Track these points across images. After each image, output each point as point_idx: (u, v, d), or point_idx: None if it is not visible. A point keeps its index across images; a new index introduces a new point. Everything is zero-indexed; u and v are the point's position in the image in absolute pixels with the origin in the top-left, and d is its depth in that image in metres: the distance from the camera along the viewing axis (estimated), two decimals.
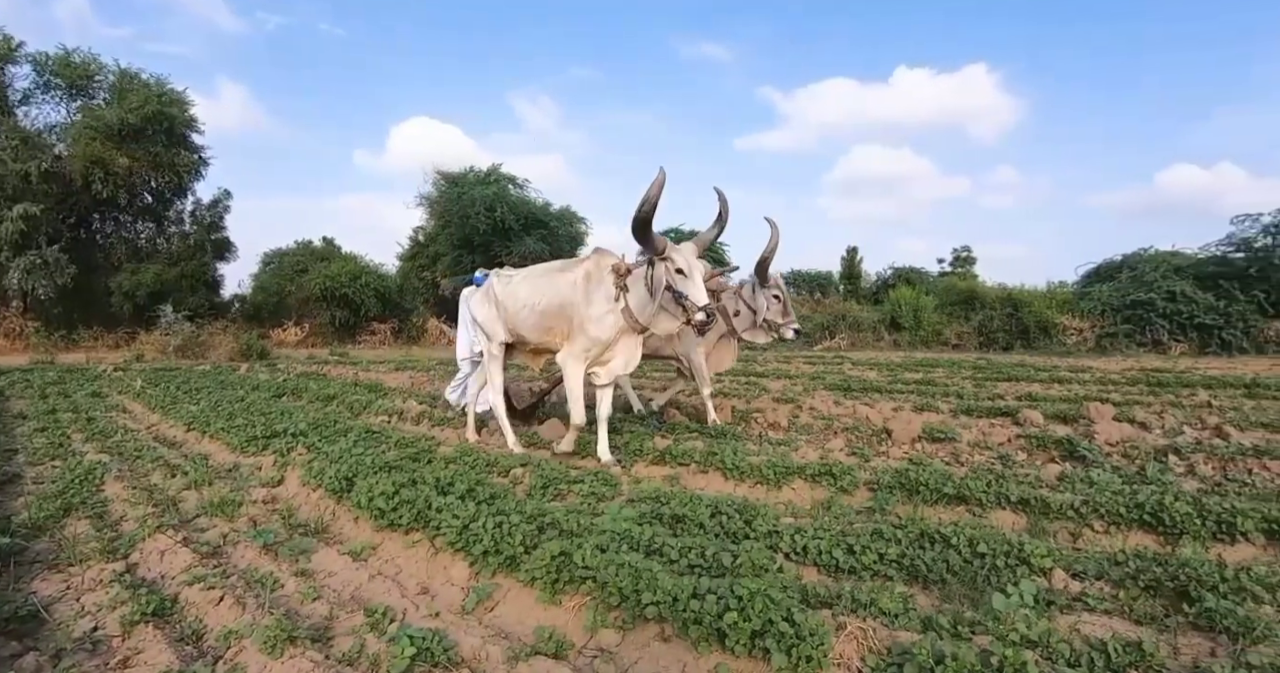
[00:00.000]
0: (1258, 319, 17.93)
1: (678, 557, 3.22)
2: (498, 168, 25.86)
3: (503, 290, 6.05)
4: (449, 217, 24.30)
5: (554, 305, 5.59)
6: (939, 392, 8.90)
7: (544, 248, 23.53)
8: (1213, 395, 8.51)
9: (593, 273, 5.40)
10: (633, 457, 5.65)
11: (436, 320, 24.48)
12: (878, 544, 3.39)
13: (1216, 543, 3.70)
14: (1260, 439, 5.89)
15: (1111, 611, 2.93)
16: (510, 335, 6.10)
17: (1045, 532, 3.91)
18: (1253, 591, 3.00)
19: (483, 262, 23.65)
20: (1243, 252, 19.64)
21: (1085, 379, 10.59)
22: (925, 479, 4.39)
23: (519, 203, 24.22)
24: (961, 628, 2.60)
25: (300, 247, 27.76)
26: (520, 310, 5.83)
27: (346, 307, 23.61)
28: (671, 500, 4.11)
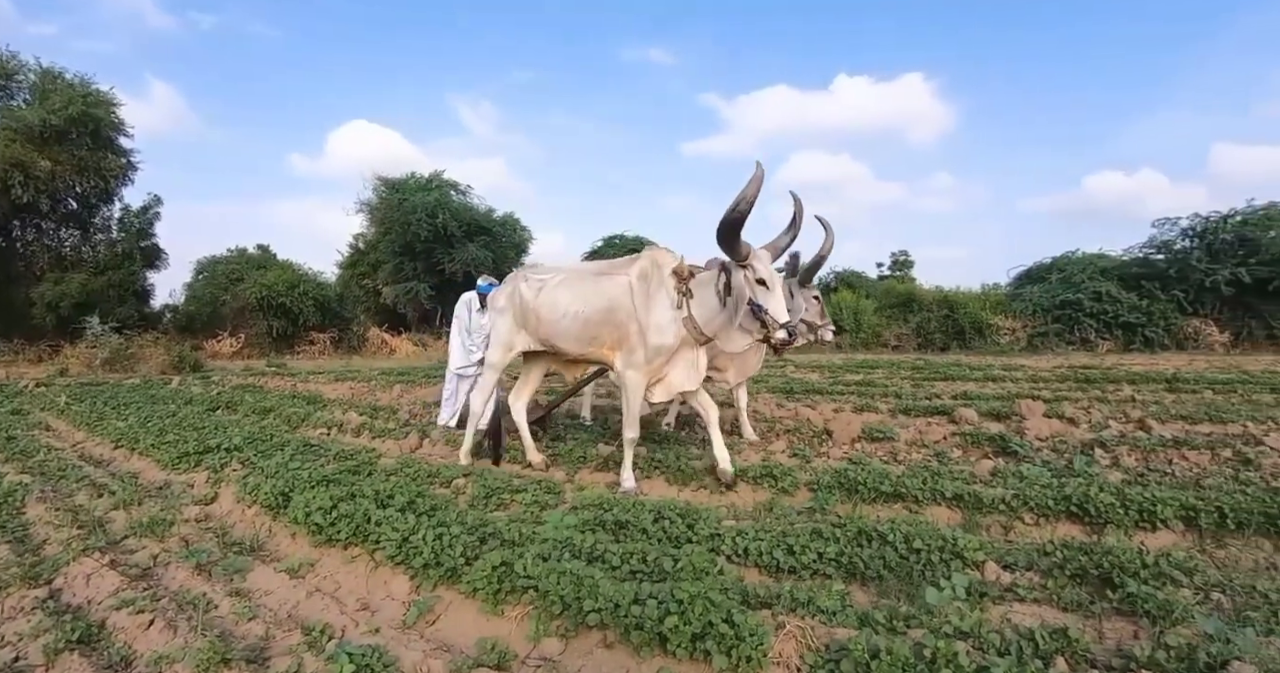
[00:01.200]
0: (1177, 317, 18.79)
1: (619, 563, 3.22)
2: (440, 174, 25.56)
3: (535, 297, 5.35)
4: (390, 223, 23.91)
5: (601, 312, 4.97)
6: (878, 392, 9.08)
7: (487, 255, 23.35)
8: (1136, 390, 8.87)
9: (649, 274, 4.83)
10: (576, 464, 5.63)
11: (378, 329, 24.02)
12: (817, 544, 3.45)
13: (1139, 531, 3.86)
14: (1180, 431, 6.17)
15: (1041, 599, 3.04)
16: (540, 344, 5.49)
17: (979, 526, 4.03)
18: (1172, 575, 3.14)
19: (423, 269, 23.37)
20: (1163, 254, 20.61)
21: (1018, 377, 10.93)
22: (864, 479, 4.48)
23: (461, 209, 23.96)
24: (897, 623, 2.66)
25: (235, 254, 26.93)
26: (560, 319, 5.17)
27: (284, 316, 22.98)
28: (614, 507, 4.12)
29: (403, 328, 24.41)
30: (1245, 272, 17.90)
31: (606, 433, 6.97)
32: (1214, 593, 3.06)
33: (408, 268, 23.58)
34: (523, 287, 5.47)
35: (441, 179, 25.39)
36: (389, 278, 23.99)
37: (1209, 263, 18.79)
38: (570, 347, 5.24)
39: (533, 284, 5.44)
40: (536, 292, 5.37)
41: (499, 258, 24.04)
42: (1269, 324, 18.22)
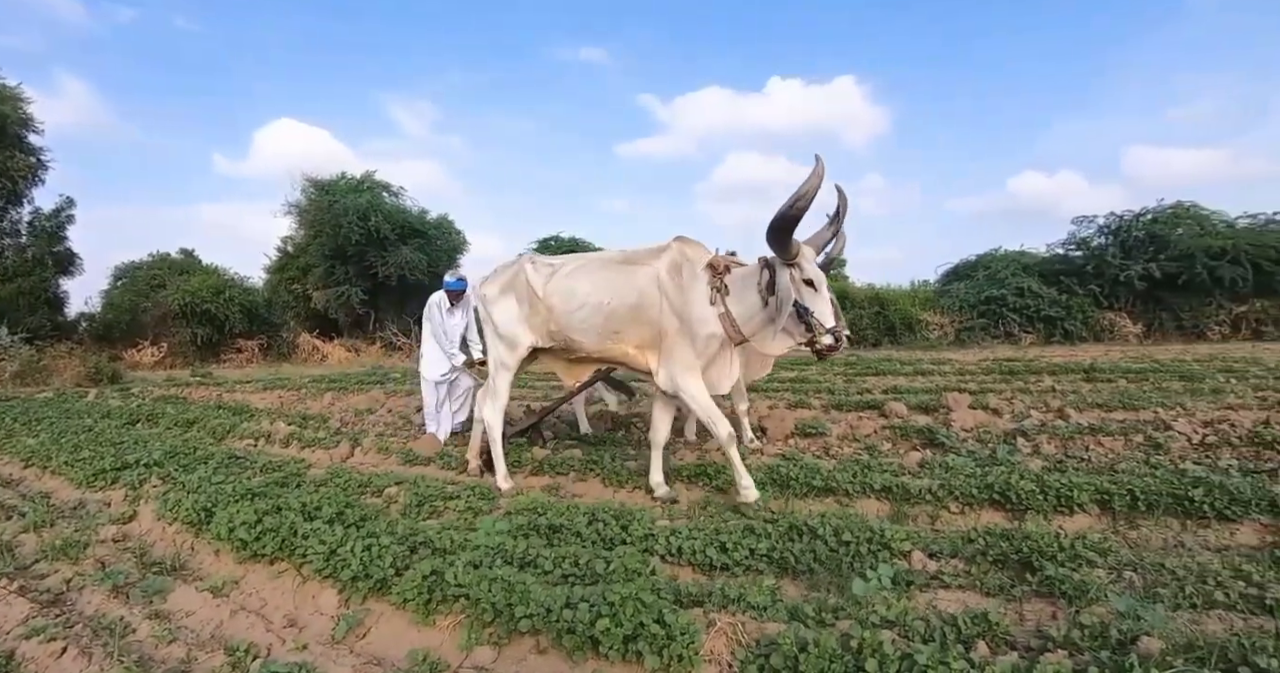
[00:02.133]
0: (1094, 311, 19.62)
1: (552, 567, 3.21)
2: (372, 175, 24.95)
3: (546, 285, 4.85)
4: (320, 226, 23.21)
5: (627, 305, 4.55)
6: (811, 388, 9.24)
7: (421, 258, 22.89)
8: (1056, 381, 9.22)
9: (680, 266, 4.48)
10: (511, 468, 5.57)
11: (309, 336, 23.35)
12: (749, 540, 3.49)
13: (1057, 515, 4.01)
14: (1096, 419, 6.42)
15: (965, 585, 3.13)
16: (549, 340, 4.94)
17: (907, 516, 4.13)
18: (1087, 557, 3.28)
19: (355, 273, 22.80)
20: (1081, 251, 21.52)
21: (945, 371, 11.24)
22: (796, 474, 4.55)
23: (394, 212, 23.42)
24: (825, 615, 2.71)
25: (156, 259, 25.95)
26: (577, 310, 4.69)
27: (209, 323, 22.20)
28: (549, 511, 4.10)
29: (334, 334, 23.77)
30: (1156, 267, 18.77)
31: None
32: (1126, 572, 3.19)
33: (339, 272, 22.95)
34: (529, 271, 4.95)
35: (374, 180, 24.78)
36: (319, 282, 23.32)
37: (1123, 259, 19.65)
38: (586, 341, 4.74)
39: (541, 270, 4.95)
40: (546, 278, 4.87)
41: (433, 261, 23.59)
42: (1178, 316, 19.15)
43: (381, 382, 12.59)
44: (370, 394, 10.65)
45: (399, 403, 9.71)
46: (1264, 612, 2.77)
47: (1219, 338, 18.14)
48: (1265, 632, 2.49)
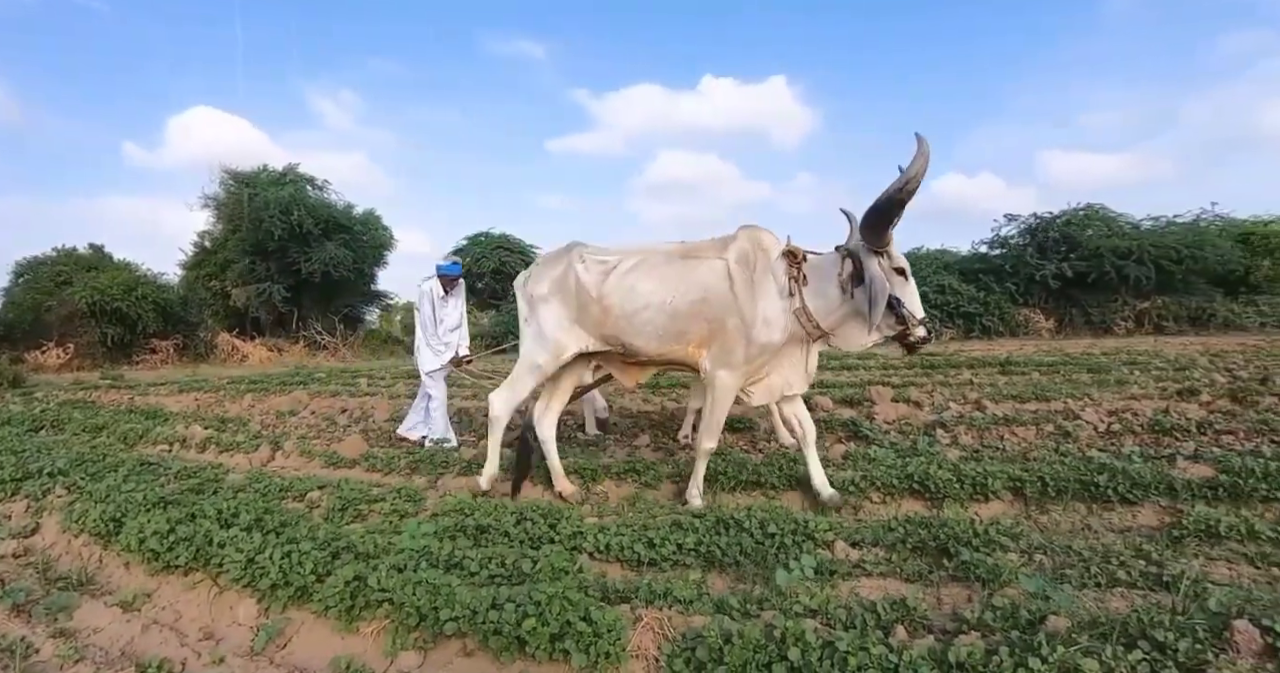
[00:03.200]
0: (1010, 307, 20.44)
1: (478, 569, 3.18)
2: (295, 167, 24.12)
3: (601, 282, 4.35)
4: (239, 220, 22.32)
5: (694, 303, 4.15)
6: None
7: (347, 255, 22.32)
8: (974, 374, 9.56)
9: (751, 258, 4.12)
10: (439, 469, 5.49)
11: (228, 335, 22.48)
12: (676, 535, 3.51)
13: (973, 503, 4.16)
14: (1010, 410, 6.67)
15: (886, 573, 3.22)
16: (602, 343, 4.45)
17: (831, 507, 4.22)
18: (1001, 541, 3.41)
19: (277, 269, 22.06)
20: (998, 250, 22.39)
21: (870, 365, 11.54)
22: (724, 468, 4.61)
23: (318, 206, 22.71)
24: (750, 606, 2.75)
25: (61, 255, 24.53)
26: (640, 311, 4.23)
27: (120, 323, 21.10)
28: (476, 511, 4.04)
29: (255, 333, 22.99)
30: (1068, 266, 19.69)
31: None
32: (1037, 555, 3.33)
33: (260, 268, 22.17)
34: (579, 270, 4.43)
35: (296, 173, 23.96)
36: (239, 279, 22.46)
37: (1039, 259, 20.54)
38: (647, 345, 4.29)
39: (593, 267, 4.43)
40: (602, 277, 4.37)
41: (359, 258, 23.06)
42: (1087, 312, 20.13)
43: (305, 382, 12.22)
44: (293, 395, 10.33)
45: (323, 404, 9.46)
46: (1162, 588, 2.92)
47: (1124, 332, 19.11)
48: (1163, 607, 2.62)
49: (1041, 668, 2.09)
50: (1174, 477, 4.16)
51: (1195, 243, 19.01)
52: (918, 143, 3.58)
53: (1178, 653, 2.18)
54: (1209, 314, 18.90)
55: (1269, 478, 4.01)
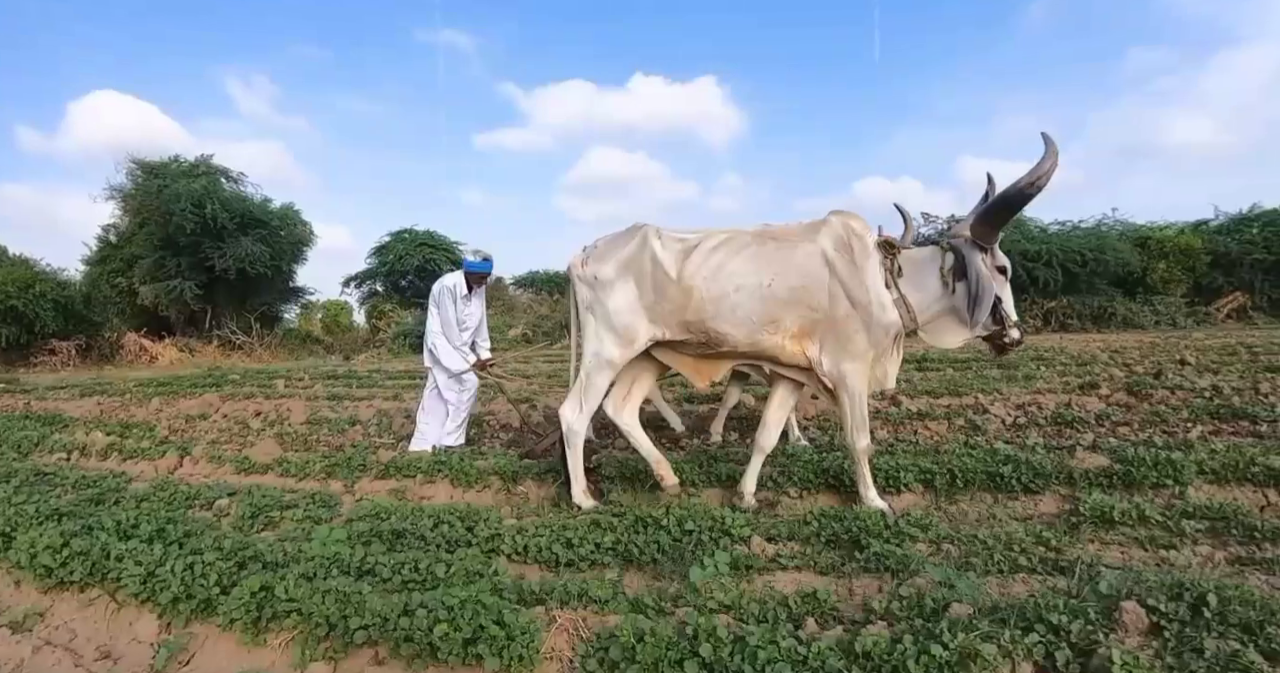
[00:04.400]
0: None
1: (391, 574, 3.12)
2: (208, 158, 23.08)
3: (682, 262, 3.97)
4: (148, 213, 21.22)
5: (791, 288, 3.84)
6: (667, 382, 9.41)
7: (263, 251, 21.46)
8: None
9: (848, 243, 3.87)
10: (356, 473, 5.34)
11: (135, 335, 21.41)
12: (594, 534, 3.52)
13: (886, 495, 4.26)
14: (925, 405, 6.90)
15: (801, 566, 3.28)
16: (681, 332, 4.05)
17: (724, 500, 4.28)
18: (910, 533, 3.52)
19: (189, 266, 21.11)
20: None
21: None
22: (645, 467, 4.61)
23: (233, 199, 21.76)
24: (665, 604, 2.77)
25: None
26: (730, 294, 3.87)
27: (16, 322, 19.83)
28: (392, 515, 3.97)
29: (165, 332, 21.99)
30: None
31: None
32: (945, 544, 3.45)
33: (170, 264, 21.14)
34: (657, 248, 4.03)
35: (210, 164, 22.93)
36: (148, 276, 21.37)
37: None
38: (735, 332, 3.92)
39: (671, 246, 4.04)
40: (682, 256, 3.99)
41: (277, 254, 22.21)
42: None
43: (218, 384, 11.76)
44: (204, 398, 9.94)
45: (236, 407, 9.13)
46: (1060, 573, 3.06)
47: (1032, 331, 19.95)
48: (1059, 591, 2.74)
49: (943, 654, 2.16)
50: (1073, 467, 4.36)
51: (1098, 247, 20.00)
52: (1046, 142, 3.53)
53: (1071, 634, 2.28)
54: (1109, 313, 19.91)
55: (1159, 466, 4.24)
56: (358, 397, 9.81)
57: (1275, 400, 6.37)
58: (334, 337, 25.69)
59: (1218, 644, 2.18)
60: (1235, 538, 3.41)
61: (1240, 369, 8.40)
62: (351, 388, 10.89)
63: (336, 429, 7.46)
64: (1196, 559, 3.24)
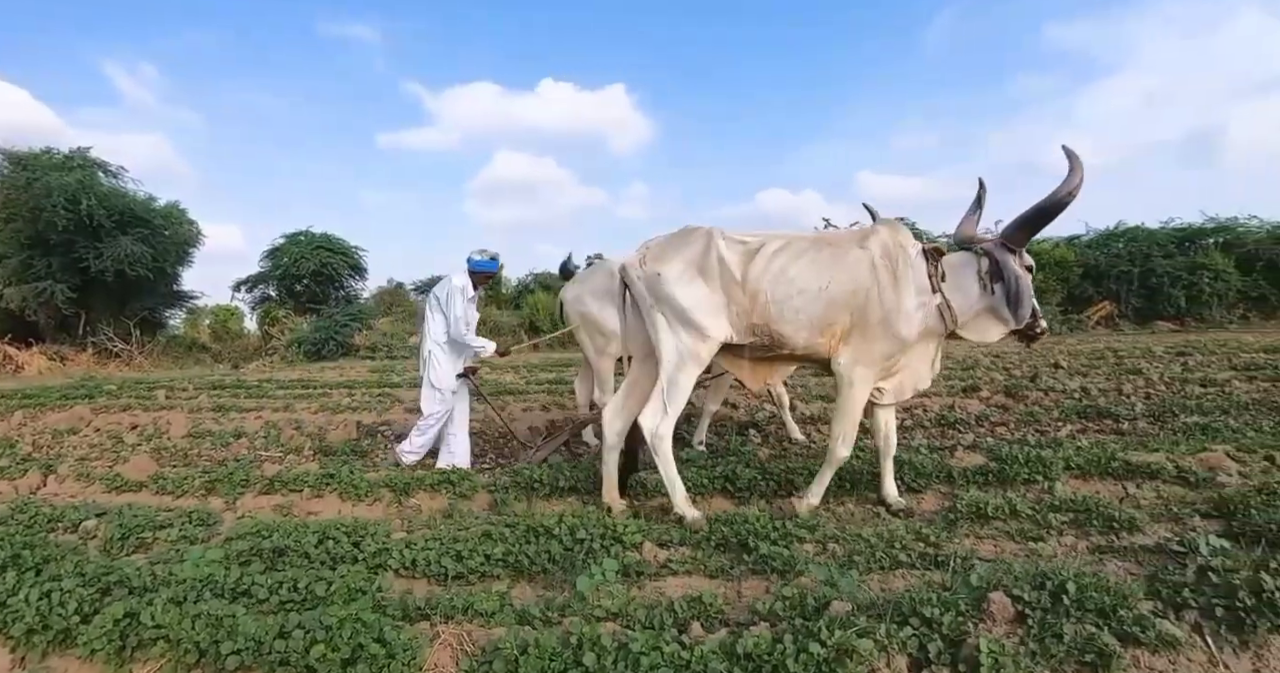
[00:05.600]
0: None
1: (268, 595, 2.98)
2: (85, 151, 21.38)
3: (747, 264, 4.01)
4: (15, 208, 19.51)
5: (846, 292, 3.96)
6: (567, 390, 9.38)
7: (145, 251, 20.05)
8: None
9: (894, 252, 4.04)
10: (238, 489, 5.09)
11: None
12: (485, 546, 3.46)
13: (777, 498, 4.37)
14: (819, 410, 7.10)
15: (691, 570, 3.31)
16: (746, 334, 4.06)
17: (644, 509, 4.30)
18: (798, 534, 3.61)
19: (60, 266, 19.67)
20: None
21: None
22: (540, 476, 4.58)
23: (112, 195, 20.24)
24: (553, 614, 2.74)
25: None
26: (793, 297, 3.95)
27: None
28: (274, 532, 3.79)
29: (33, 339, 20.38)
30: None
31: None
32: (831, 544, 3.55)
33: (39, 265, 19.54)
34: (723, 248, 4.04)
35: (86, 157, 21.27)
36: (14, 277, 19.67)
37: None
38: (796, 335, 4.01)
39: (735, 248, 4.07)
40: (746, 258, 4.04)
41: (160, 255, 20.80)
42: None
43: (91, 395, 10.99)
44: (74, 411, 9.29)
45: (110, 420, 8.58)
46: (938, 568, 3.20)
47: None
48: (934, 585, 2.86)
49: (820, 652, 2.22)
50: (952, 466, 4.58)
51: None
52: (1070, 157, 3.80)
53: (943, 626, 2.39)
54: None
55: (1030, 463, 4.50)
56: (245, 408, 9.37)
57: (1136, 400, 6.86)
58: (222, 344, 24.35)
59: (1075, 629, 2.32)
60: (1096, 528, 3.63)
61: (1107, 372, 9.01)
62: (239, 398, 10.39)
63: (220, 443, 7.11)
64: (1061, 550, 3.44)
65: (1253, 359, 9.22)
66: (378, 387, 11.07)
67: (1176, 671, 2.28)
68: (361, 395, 10.06)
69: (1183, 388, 7.45)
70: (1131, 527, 3.59)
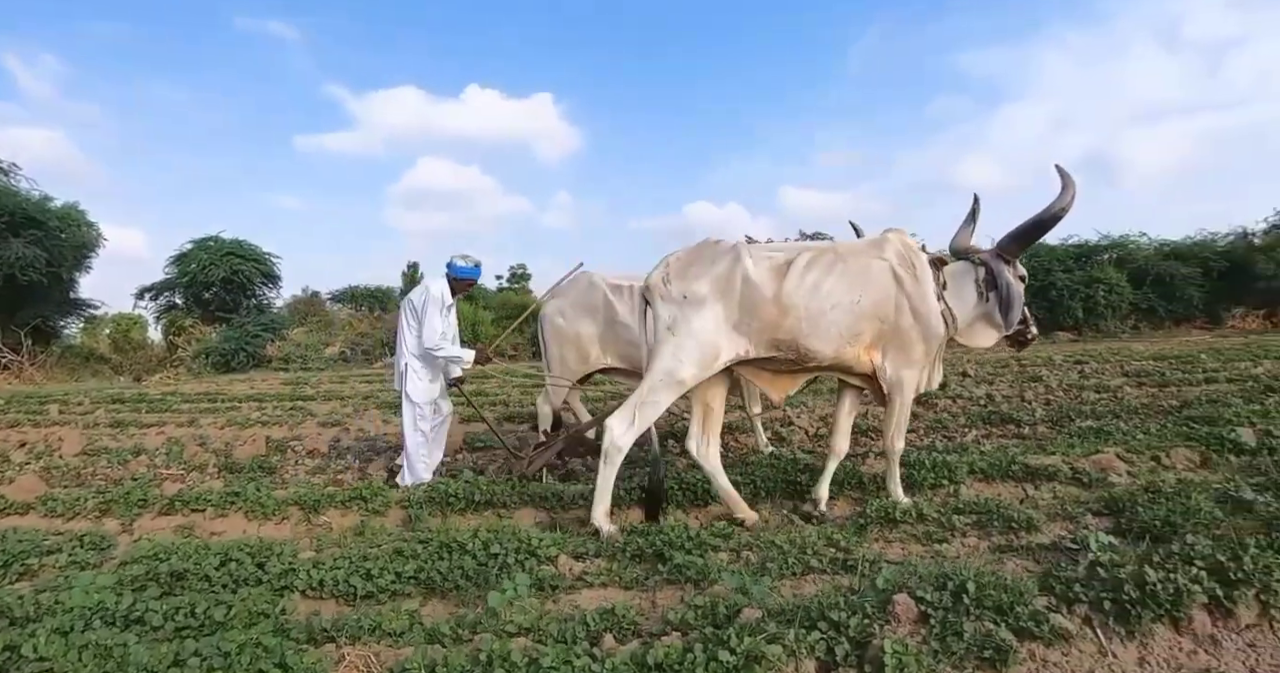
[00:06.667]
0: None
1: (163, 622, 2.84)
2: None
3: (778, 280, 4.00)
4: None
5: (875, 302, 4.08)
6: (487, 402, 9.26)
7: (38, 255, 18.81)
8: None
9: (909, 260, 4.19)
10: (134, 510, 4.84)
11: None
12: (396, 563, 3.38)
13: (693, 508, 4.40)
14: (737, 419, 7.18)
15: (607, 582, 3.30)
16: (768, 349, 4.06)
17: (561, 522, 4.27)
18: (712, 543, 3.64)
19: None
20: None
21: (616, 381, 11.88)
22: (455, 490, 4.51)
23: (4, 194, 19.04)
24: (463, 631, 2.69)
25: None
26: (828, 311, 3.98)
27: None
28: (173, 555, 3.61)
29: None
30: None
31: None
32: (745, 552, 3.60)
33: None
34: (749, 266, 4.02)
35: None
36: None
37: None
38: (825, 348, 4.04)
39: (762, 263, 4.06)
40: (779, 275, 4.02)
41: (55, 259, 19.60)
42: None
43: None
44: None
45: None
46: (848, 572, 3.26)
47: None
48: (842, 588, 2.92)
49: (730, 659, 2.24)
50: (864, 472, 4.70)
51: None
52: (1062, 175, 4.06)
53: (850, 629, 2.44)
54: None
55: (936, 468, 4.66)
56: (146, 423, 8.93)
57: (1036, 406, 7.19)
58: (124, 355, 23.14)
59: (975, 626, 2.40)
60: (997, 529, 3.78)
61: (1010, 379, 9.43)
62: (140, 413, 9.90)
63: (117, 461, 6.74)
64: (965, 550, 3.57)
65: (1142, 366, 9.78)
66: (290, 400, 10.70)
67: (1069, 662, 2.37)
68: (272, 409, 9.71)
69: (1079, 394, 7.85)
70: (1030, 526, 3.75)
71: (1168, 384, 8.22)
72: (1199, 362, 9.93)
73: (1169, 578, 2.55)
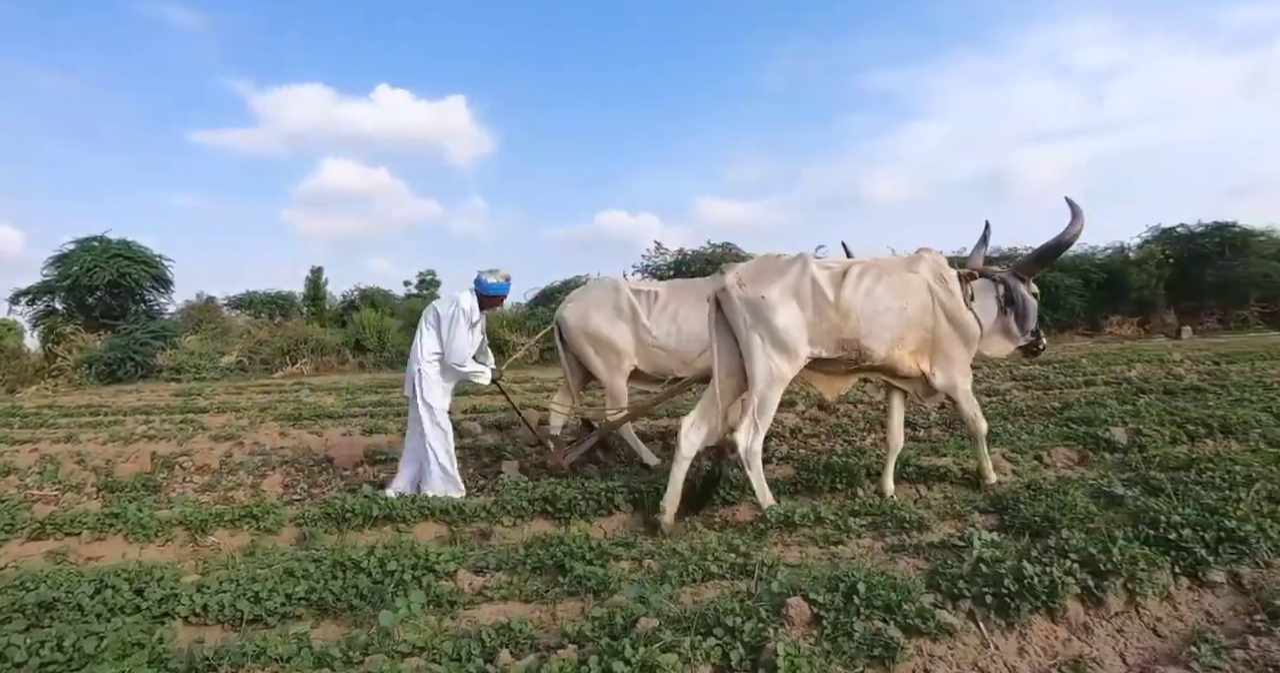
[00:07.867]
0: None
1: (26, 657, 2.63)
2: None
3: (839, 287, 4.38)
4: None
5: (919, 309, 4.53)
6: (391, 412, 9.04)
7: None
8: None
9: (942, 275, 4.66)
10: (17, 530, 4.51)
11: None
12: (286, 585, 3.26)
13: (598, 518, 4.41)
14: (645, 427, 7.22)
15: (507, 596, 3.28)
16: (835, 349, 4.41)
17: (463, 536, 4.20)
18: (614, 552, 3.65)
19: None
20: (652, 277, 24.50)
21: (526, 388, 11.78)
22: (352, 506, 4.38)
23: None
24: (354, 653, 2.61)
25: None
26: (879, 315, 4.40)
27: None
28: (41, 584, 3.37)
29: None
30: None
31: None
32: (647, 560, 3.62)
33: None
34: (817, 274, 4.42)
35: None
36: None
37: None
38: (879, 349, 4.43)
39: (823, 274, 4.45)
40: (838, 281, 4.42)
41: None
42: None
43: None
44: None
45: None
46: (746, 576, 3.32)
47: None
48: (739, 593, 2.97)
49: (625, 670, 2.25)
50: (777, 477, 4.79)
51: None
52: (1071, 206, 4.66)
53: (744, 634, 2.48)
54: None
55: (835, 473, 4.79)
56: (18, 439, 8.33)
57: (930, 410, 7.48)
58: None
59: (865, 625, 2.49)
60: (891, 529, 3.93)
61: None
62: (11, 429, 9.23)
63: None
64: (859, 551, 3.68)
65: (1029, 371, 10.31)
66: (180, 412, 10.14)
67: (954, 655, 2.48)
68: (160, 422, 9.18)
69: None
70: (921, 526, 3.91)
71: (1051, 387, 8.70)
72: (1080, 366, 10.56)
73: (1045, 571, 2.71)
